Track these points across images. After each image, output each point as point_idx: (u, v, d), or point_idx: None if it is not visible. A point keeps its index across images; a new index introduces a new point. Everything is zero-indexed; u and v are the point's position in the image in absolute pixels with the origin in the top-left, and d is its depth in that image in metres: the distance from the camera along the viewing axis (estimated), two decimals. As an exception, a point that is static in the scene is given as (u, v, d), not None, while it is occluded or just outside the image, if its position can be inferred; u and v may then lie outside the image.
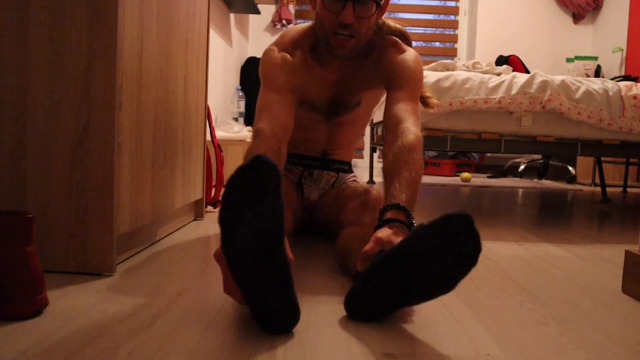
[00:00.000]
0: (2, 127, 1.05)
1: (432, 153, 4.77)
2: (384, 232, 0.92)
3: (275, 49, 1.27)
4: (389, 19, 1.38)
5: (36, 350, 0.71)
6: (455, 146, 2.11)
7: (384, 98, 1.41)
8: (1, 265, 0.82)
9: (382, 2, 1.20)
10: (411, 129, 1.11)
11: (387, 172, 1.07)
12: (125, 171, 1.11)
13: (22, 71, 1.04)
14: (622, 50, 4.47)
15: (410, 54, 1.29)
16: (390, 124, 1.15)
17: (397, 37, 1.34)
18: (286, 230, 1.18)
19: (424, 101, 1.42)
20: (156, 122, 1.29)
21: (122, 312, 0.87)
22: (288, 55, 1.26)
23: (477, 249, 0.76)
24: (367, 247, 0.90)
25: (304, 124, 1.41)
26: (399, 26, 1.37)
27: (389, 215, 0.96)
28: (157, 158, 1.30)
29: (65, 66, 1.04)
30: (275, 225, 0.76)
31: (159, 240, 1.43)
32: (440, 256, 0.77)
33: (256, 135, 1.12)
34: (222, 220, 0.76)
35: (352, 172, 1.61)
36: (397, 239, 0.89)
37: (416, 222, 0.95)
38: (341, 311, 0.91)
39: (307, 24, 1.35)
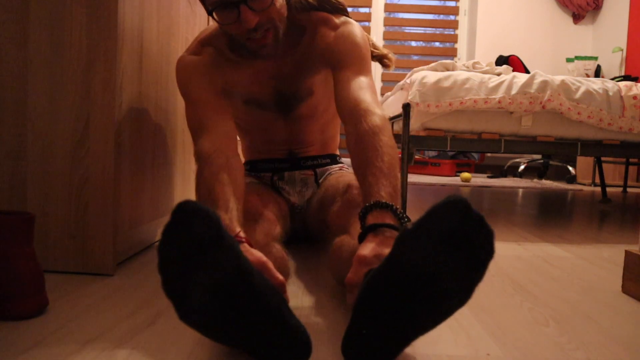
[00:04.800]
0: (2, 127, 1.05)
1: (432, 153, 4.78)
2: (367, 247, 0.75)
3: (184, 55, 1.14)
4: None
5: (36, 350, 0.71)
6: (455, 146, 2.11)
7: None
8: (1, 265, 0.82)
9: None
10: (370, 109, 0.95)
11: (356, 166, 0.91)
12: (125, 171, 1.11)
13: (22, 71, 1.04)
14: (622, 50, 4.47)
15: (345, 27, 1.12)
16: (346, 110, 0.99)
17: (323, 9, 1.17)
18: (275, 235, 1.08)
19: (381, 61, 1.28)
20: (156, 122, 1.29)
21: (122, 312, 0.87)
22: (198, 57, 1.12)
23: (489, 234, 0.62)
24: (350, 273, 0.73)
25: (259, 124, 1.29)
26: None
27: (370, 219, 0.79)
28: (157, 158, 1.30)
29: (65, 66, 1.04)
30: (233, 271, 0.64)
31: (159, 240, 1.43)
32: (444, 260, 0.62)
33: (197, 159, 0.99)
34: (169, 294, 0.63)
35: (339, 162, 1.43)
36: (387, 250, 0.72)
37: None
38: (341, 314, 0.91)
39: None
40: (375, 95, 1.02)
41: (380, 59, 1.30)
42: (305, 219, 1.38)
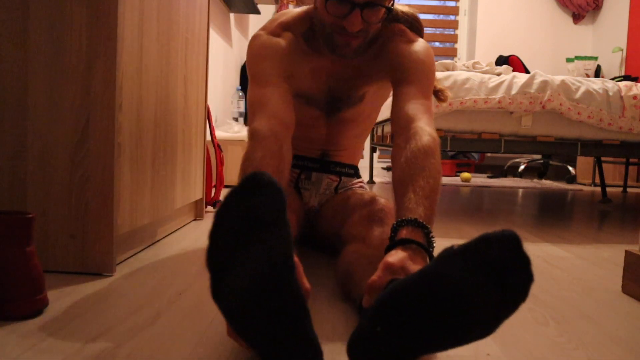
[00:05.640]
0: (2, 127, 1.05)
1: (432, 153, 4.76)
2: (396, 256, 0.75)
3: (262, 34, 1.13)
4: (399, 5, 1.22)
5: (36, 350, 0.71)
6: (455, 146, 2.11)
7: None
8: (1, 265, 0.82)
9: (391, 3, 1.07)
10: (425, 129, 0.95)
11: (399, 180, 0.90)
12: (125, 171, 1.11)
13: (22, 71, 1.04)
14: (622, 50, 4.47)
15: (419, 44, 1.14)
16: (401, 124, 1.00)
17: (405, 24, 1.19)
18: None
19: (437, 95, 1.29)
20: (156, 122, 1.29)
21: (122, 312, 0.87)
22: (277, 39, 1.12)
23: (529, 279, 0.60)
24: (375, 276, 0.73)
25: (300, 119, 1.24)
26: (408, 11, 1.21)
27: (403, 233, 0.79)
28: (157, 158, 1.30)
29: (65, 66, 1.04)
30: (280, 261, 0.61)
31: (159, 240, 1.43)
32: (478, 290, 0.60)
33: (251, 136, 0.97)
34: (211, 264, 0.61)
35: (360, 176, 1.45)
36: (414, 266, 0.73)
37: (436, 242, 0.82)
38: (340, 316, 0.91)
39: (302, 8, 1.19)
40: (432, 120, 1.02)
41: (436, 93, 1.30)
42: (315, 224, 1.38)
